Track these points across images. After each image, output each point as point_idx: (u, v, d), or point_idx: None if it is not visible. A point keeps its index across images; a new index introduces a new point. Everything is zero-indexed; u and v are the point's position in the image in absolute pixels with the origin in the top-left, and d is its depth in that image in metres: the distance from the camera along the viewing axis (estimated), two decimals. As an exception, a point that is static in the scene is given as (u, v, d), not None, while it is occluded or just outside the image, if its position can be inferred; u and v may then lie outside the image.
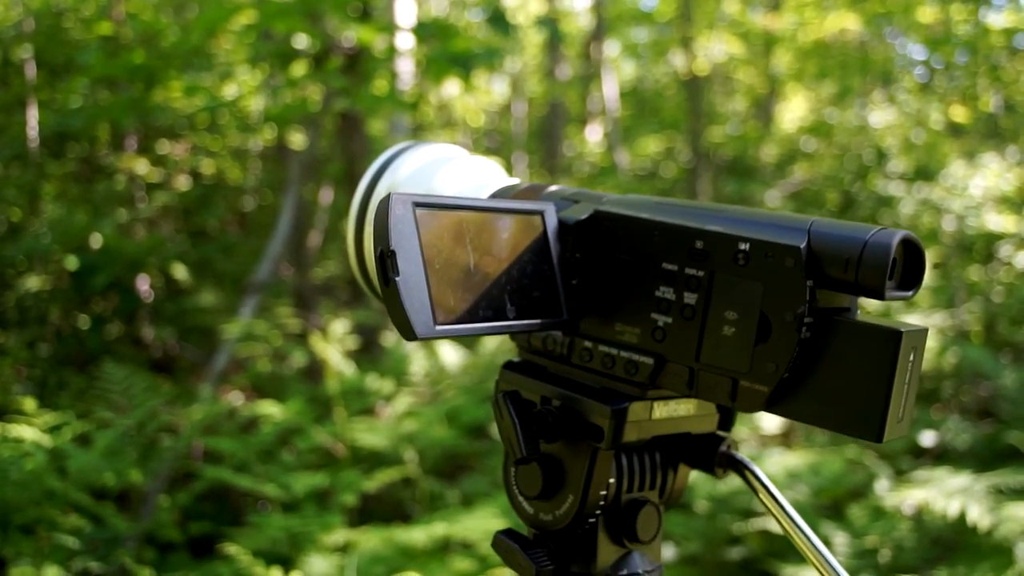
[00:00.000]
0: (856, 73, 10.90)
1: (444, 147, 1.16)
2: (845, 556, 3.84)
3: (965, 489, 3.82)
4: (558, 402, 0.98)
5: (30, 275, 6.80)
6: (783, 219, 0.85)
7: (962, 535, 3.90)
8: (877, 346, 0.78)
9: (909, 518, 4.03)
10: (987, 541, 3.73)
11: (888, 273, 0.78)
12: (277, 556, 3.62)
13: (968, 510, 3.63)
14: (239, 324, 5.21)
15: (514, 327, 0.89)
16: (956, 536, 3.94)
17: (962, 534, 3.89)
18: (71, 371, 6.04)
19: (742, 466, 1.02)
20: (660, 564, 1.05)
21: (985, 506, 3.65)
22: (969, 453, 4.94)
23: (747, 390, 0.85)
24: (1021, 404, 5.24)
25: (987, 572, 3.57)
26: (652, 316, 0.91)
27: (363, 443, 4.48)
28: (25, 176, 6.98)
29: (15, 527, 3.90)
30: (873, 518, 4.02)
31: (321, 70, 5.27)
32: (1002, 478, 3.93)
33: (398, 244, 0.82)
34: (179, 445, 4.42)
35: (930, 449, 5.15)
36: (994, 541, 3.66)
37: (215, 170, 8.35)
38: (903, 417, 0.80)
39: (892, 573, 3.71)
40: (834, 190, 9.61)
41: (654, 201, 0.95)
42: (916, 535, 3.97)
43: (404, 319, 0.81)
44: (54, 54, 6.97)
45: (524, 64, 14.19)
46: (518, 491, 1.03)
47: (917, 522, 4.01)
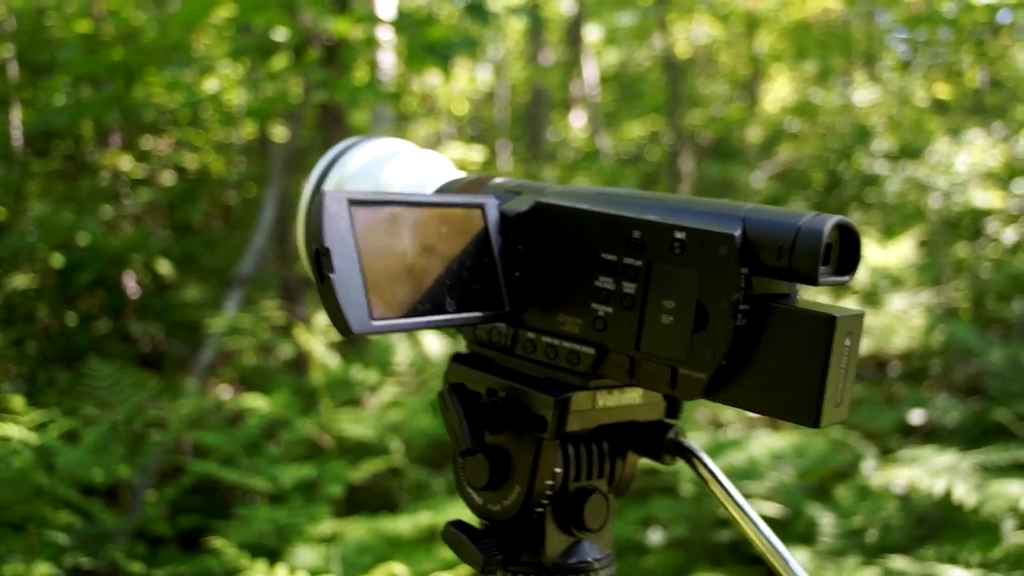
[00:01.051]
0: (837, 52, 10.88)
1: (392, 142, 1.17)
2: (832, 537, 3.84)
3: (951, 467, 3.82)
4: (504, 393, 0.99)
5: (17, 273, 6.80)
6: (719, 207, 0.85)
7: (949, 513, 3.90)
8: (812, 331, 0.79)
9: (897, 497, 4.04)
10: (974, 519, 3.73)
11: (821, 259, 0.79)
12: (265, 548, 3.62)
13: (954, 488, 3.63)
14: (224, 318, 5.21)
15: (454, 320, 0.90)
16: (943, 514, 3.94)
17: (949, 512, 3.89)
18: (59, 368, 6.04)
19: (690, 454, 1.02)
20: (611, 551, 1.06)
21: (971, 484, 3.65)
22: (958, 431, 4.95)
23: (686, 378, 0.85)
24: (1009, 381, 5.25)
25: (974, 550, 3.57)
26: (593, 306, 0.92)
27: (349, 434, 4.48)
28: (10, 175, 6.97)
29: (5, 524, 3.91)
30: (859, 498, 4.02)
31: (300, 62, 5.26)
32: (988, 455, 3.94)
33: (332, 241, 0.82)
34: (166, 440, 4.42)
35: (918, 427, 5.16)
36: (981, 519, 3.66)
37: (199, 165, 8.34)
38: (841, 401, 0.81)
39: (879, 553, 3.70)
40: (819, 170, 9.61)
41: (594, 191, 0.95)
42: (903, 514, 3.97)
43: (339, 315, 0.82)
44: (36, 53, 6.95)
45: (507, 51, 14.17)
46: (466, 482, 1.03)
47: (904, 501, 4.02)
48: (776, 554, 0.94)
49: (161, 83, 6.06)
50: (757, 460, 4.14)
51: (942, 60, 9.72)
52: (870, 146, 8.73)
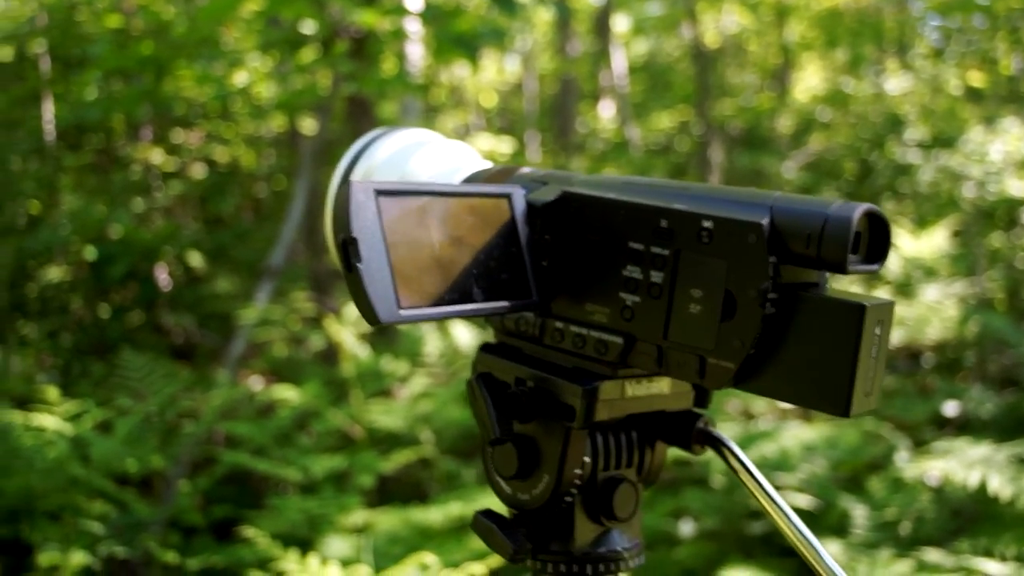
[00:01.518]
0: (869, 40, 10.82)
1: (419, 132, 1.17)
2: (865, 529, 3.82)
3: (986, 459, 3.79)
4: (531, 383, 0.99)
5: (50, 266, 6.86)
6: (747, 196, 0.85)
7: (984, 506, 3.87)
8: (841, 320, 0.79)
9: (931, 489, 4.01)
10: (1009, 511, 3.70)
11: (850, 247, 0.78)
12: (296, 538, 3.64)
13: (989, 480, 3.61)
14: (255, 309, 5.23)
15: (482, 310, 0.90)
16: (978, 507, 3.91)
17: (984, 505, 3.86)
18: (93, 359, 6.09)
19: (719, 443, 1.02)
20: (640, 541, 1.05)
21: (1007, 476, 3.62)
22: (992, 422, 4.91)
23: (714, 367, 0.85)
24: (1044, 371, 5.23)
25: (1009, 543, 3.54)
26: (621, 295, 0.92)
27: (380, 424, 4.50)
28: (43, 169, 7.03)
29: (41, 513, 3.95)
30: (893, 490, 4.00)
31: (328, 55, 5.27)
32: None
33: (359, 231, 0.82)
34: (199, 430, 4.45)
35: (953, 419, 5.13)
36: (1016, 511, 3.63)
37: (229, 157, 8.38)
38: (871, 391, 0.80)
39: (913, 545, 3.68)
40: (851, 159, 9.55)
41: (622, 180, 0.95)
42: (937, 507, 3.95)
43: (367, 304, 0.82)
44: (68, 48, 7.00)
45: (535, 41, 14.15)
46: (495, 471, 1.03)
47: (938, 494, 3.99)
48: (807, 545, 0.94)
49: (191, 77, 6.09)
50: (789, 451, 4.12)
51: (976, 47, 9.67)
52: (903, 135, 8.67)
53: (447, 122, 12.85)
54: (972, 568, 3.31)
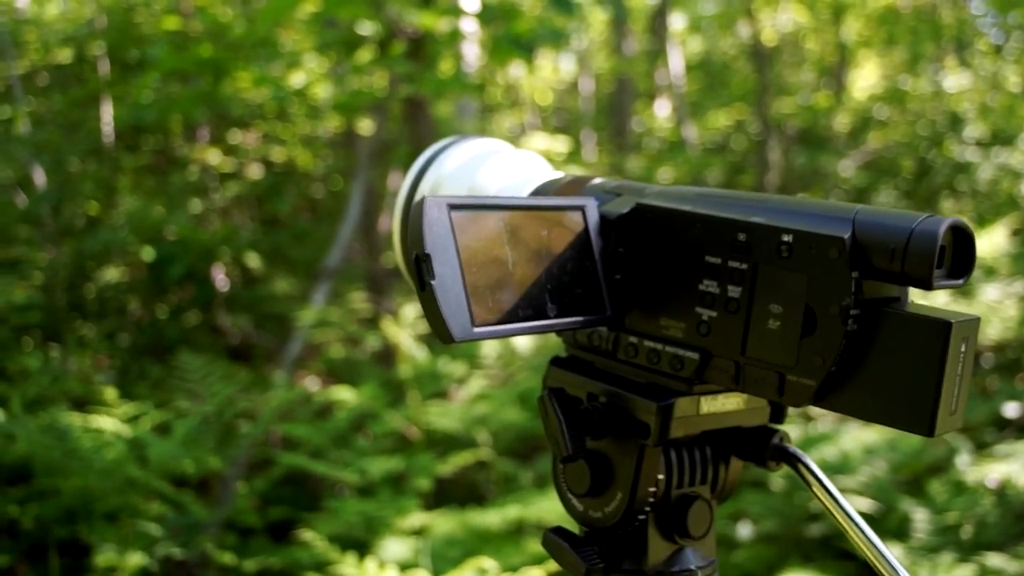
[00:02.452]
0: (927, 37, 10.72)
1: (488, 141, 1.16)
2: (926, 533, 3.79)
3: (1048, 462, 3.77)
4: (604, 398, 0.98)
5: (108, 267, 6.91)
6: (827, 208, 0.83)
7: (1046, 510, 3.84)
8: (926, 337, 0.77)
9: (992, 492, 3.97)
10: (1071, 516, 3.67)
11: (936, 262, 0.77)
12: (353, 540, 3.65)
13: (1051, 484, 3.58)
14: (312, 310, 5.25)
15: (555, 326, 0.89)
16: (1040, 511, 3.88)
17: (1046, 509, 3.83)
18: (150, 361, 6.13)
19: (795, 459, 1.00)
20: (714, 559, 1.04)
21: (1069, 478, 3.60)
22: (1053, 424, 4.87)
23: (794, 384, 0.83)
24: (1105, 372, 5.16)
25: (1072, 548, 3.52)
26: (697, 310, 0.90)
27: (437, 426, 4.50)
28: (101, 170, 7.09)
29: (99, 515, 3.98)
30: (954, 494, 3.96)
31: (385, 56, 5.29)
32: (1086, 449, 3.87)
33: (433, 247, 0.81)
34: (256, 432, 4.47)
35: (1014, 420, 5.08)
36: (1079, 515, 3.61)
37: (286, 158, 8.42)
38: (956, 409, 0.78)
39: (975, 550, 3.65)
40: (909, 158, 9.48)
41: (696, 192, 0.94)
42: (999, 510, 3.91)
43: (441, 323, 0.81)
44: (126, 50, 7.06)
45: (590, 41, 14.13)
46: (567, 488, 1.02)
47: (1000, 497, 3.95)
48: (885, 562, 0.92)
49: (248, 78, 6.12)
50: (849, 454, 4.10)
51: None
52: (961, 133, 8.61)
53: (503, 122, 12.86)
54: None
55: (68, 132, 7.02)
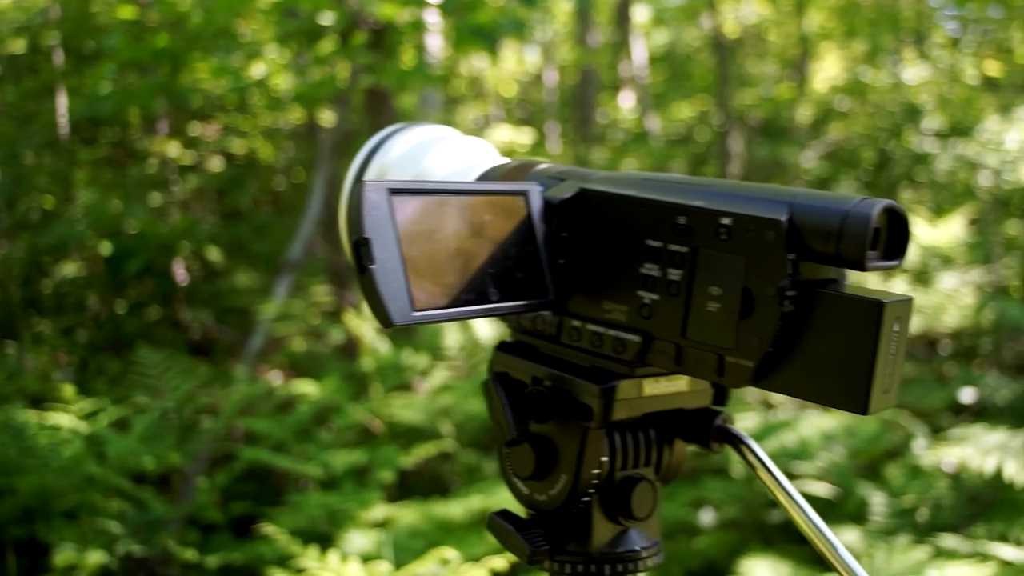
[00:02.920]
0: (887, 30, 10.78)
1: (435, 128, 1.16)
2: (883, 516, 3.83)
3: (1002, 445, 3.81)
4: (549, 382, 0.98)
5: (66, 262, 6.86)
6: (765, 192, 0.84)
7: (1000, 492, 3.88)
8: (860, 318, 0.78)
9: (948, 476, 4.02)
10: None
11: (870, 244, 0.78)
12: (316, 534, 3.64)
13: (1005, 466, 3.62)
14: (274, 304, 5.24)
15: (497, 310, 0.89)
16: (994, 493, 3.91)
17: (1000, 491, 3.87)
18: (109, 356, 6.10)
19: (738, 440, 1.01)
20: (659, 540, 1.05)
21: (1022, 461, 3.64)
22: (1008, 409, 4.92)
23: (733, 365, 0.84)
24: (1059, 358, 5.22)
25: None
26: (639, 293, 0.91)
27: (400, 419, 4.50)
28: (57, 163, 7.02)
29: (57, 513, 3.96)
30: (910, 477, 4.01)
31: (347, 46, 5.27)
32: (1039, 433, 3.92)
33: (372, 232, 0.81)
34: (217, 427, 4.45)
35: (969, 406, 5.13)
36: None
37: (247, 150, 8.38)
38: (890, 388, 0.79)
39: (930, 532, 3.69)
40: (869, 149, 9.54)
41: (639, 177, 0.94)
42: (954, 493, 3.95)
43: (380, 306, 0.81)
44: (81, 40, 7.00)
45: (555, 32, 14.13)
46: (512, 472, 1.03)
47: (955, 480, 4.00)
48: (826, 541, 0.93)
49: (208, 69, 6.09)
50: (807, 440, 4.13)
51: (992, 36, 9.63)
52: (920, 124, 8.67)
53: (467, 113, 12.85)
54: (988, 553, 3.33)
55: (22, 124, 6.95)
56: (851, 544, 3.55)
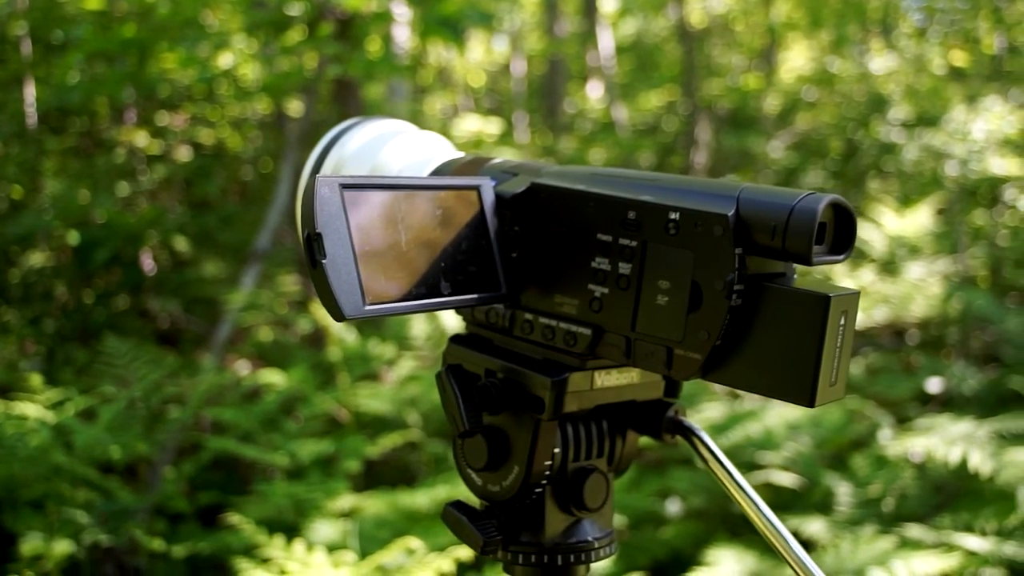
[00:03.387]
0: (853, 20, 10.80)
1: (391, 123, 1.17)
2: (848, 506, 3.85)
3: (968, 435, 3.83)
4: (502, 374, 0.99)
5: (33, 251, 6.83)
6: (714, 187, 0.85)
7: (965, 481, 3.90)
8: (806, 311, 0.79)
9: (913, 466, 4.04)
10: (990, 487, 3.73)
11: (815, 238, 0.79)
12: (283, 524, 3.64)
13: (969, 456, 3.64)
14: (241, 294, 5.22)
15: (449, 303, 0.90)
16: (959, 483, 3.94)
17: (965, 480, 3.90)
18: (77, 346, 6.07)
19: (689, 432, 1.02)
20: (611, 530, 1.06)
21: (987, 452, 3.66)
22: (975, 399, 4.94)
23: (682, 358, 0.85)
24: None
25: (990, 518, 3.58)
26: (589, 287, 0.92)
27: (367, 408, 4.50)
28: (25, 153, 6.98)
29: (24, 503, 3.94)
30: (876, 467, 4.02)
31: (314, 37, 5.26)
32: (1004, 423, 3.94)
33: (324, 226, 0.82)
34: (184, 416, 4.44)
35: (936, 396, 5.16)
36: (996, 487, 3.67)
37: (215, 140, 8.35)
38: (836, 380, 0.80)
39: (896, 521, 3.71)
40: (837, 139, 9.57)
41: (590, 172, 0.95)
42: (919, 483, 3.97)
43: (332, 300, 0.82)
44: (49, 30, 6.95)
45: (523, 22, 14.11)
46: (465, 463, 1.04)
47: (920, 470, 4.02)
48: (775, 532, 0.95)
49: (175, 59, 6.06)
50: (773, 431, 4.14)
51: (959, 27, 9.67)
52: (887, 114, 8.70)
53: (435, 103, 12.82)
54: (953, 543, 3.34)
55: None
56: (816, 534, 3.57)
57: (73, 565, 3.81)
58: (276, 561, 2.94)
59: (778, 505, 4.04)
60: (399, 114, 6.66)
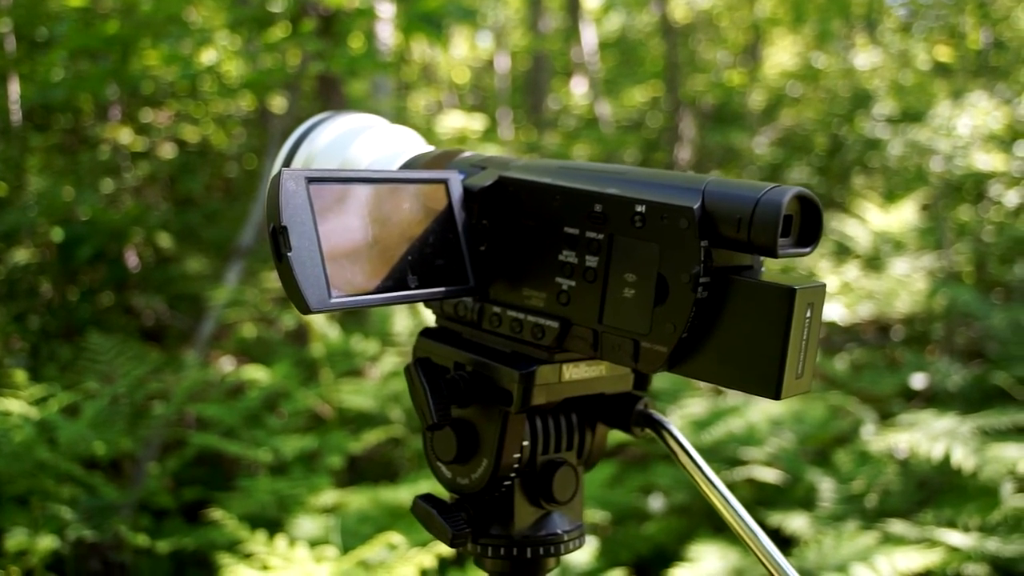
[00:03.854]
0: (837, 15, 10.80)
1: (362, 117, 1.17)
2: (831, 502, 3.85)
3: (950, 431, 3.83)
4: (470, 367, 0.99)
5: (18, 248, 6.81)
6: (680, 180, 0.85)
7: (948, 477, 3.91)
8: (771, 304, 0.79)
9: (897, 462, 4.05)
10: (973, 483, 3.74)
11: (780, 231, 0.79)
12: (266, 519, 3.64)
13: (953, 452, 3.64)
14: (225, 290, 5.22)
15: (416, 296, 0.90)
16: (942, 479, 3.95)
17: (948, 476, 3.90)
18: (61, 342, 6.06)
19: (659, 425, 1.03)
20: (581, 523, 1.06)
21: (970, 448, 3.66)
22: (959, 395, 4.95)
23: (648, 351, 0.85)
24: (1010, 344, 5.26)
25: (973, 513, 3.59)
26: (557, 280, 0.92)
27: (350, 404, 4.50)
28: (9, 150, 6.96)
29: (8, 498, 3.93)
30: (859, 463, 4.03)
31: (297, 33, 5.26)
32: (988, 419, 3.94)
33: (290, 220, 0.82)
34: (168, 412, 4.44)
35: (921, 391, 5.16)
36: (980, 483, 3.68)
37: (198, 137, 8.33)
38: (802, 373, 0.81)
39: (879, 517, 3.72)
40: (821, 134, 9.58)
41: (557, 165, 0.95)
42: (903, 479, 3.98)
43: (297, 293, 0.82)
44: (33, 27, 6.93)
45: (507, 18, 14.10)
46: (435, 456, 1.04)
47: (903, 466, 4.03)
48: (743, 525, 0.95)
49: (158, 56, 6.05)
50: (756, 426, 4.14)
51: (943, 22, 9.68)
52: (872, 110, 8.70)
53: (419, 99, 12.80)
54: (936, 539, 3.35)
55: (-27, 112, 6.90)
56: (799, 530, 3.58)
57: (58, 560, 3.81)
58: (259, 556, 2.94)
59: (761, 501, 4.05)
60: (382, 110, 6.66)
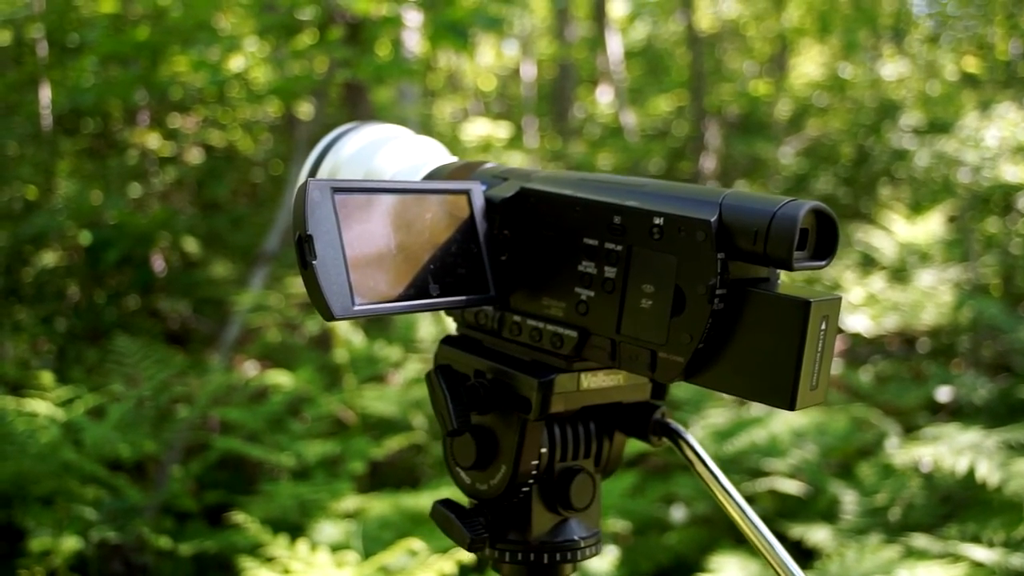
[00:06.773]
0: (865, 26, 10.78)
1: (387, 128, 1.18)
2: (854, 515, 3.84)
3: (975, 445, 3.80)
4: (490, 375, 1.01)
5: (46, 251, 6.86)
6: (698, 193, 0.86)
7: (973, 492, 3.88)
8: (787, 316, 0.80)
9: (921, 475, 4.03)
10: (997, 497, 3.71)
11: (796, 244, 0.80)
12: (288, 524, 3.65)
13: (977, 466, 3.62)
14: (250, 295, 5.24)
15: (438, 304, 0.92)
16: (967, 493, 3.92)
17: (973, 491, 3.87)
18: (87, 345, 6.10)
19: (676, 435, 1.04)
20: (598, 530, 1.07)
21: (995, 462, 3.63)
22: (984, 408, 4.92)
23: (665, 361, 0.86)
24: (1037, 358, 5.23)
25: (997, 529, 3.56)
26: (576, 290, 0.93)
27: (373, 410, 4.51)
28: (39, 154, 7.02)
29: (33, 499, 3.96)
30: (883, 476, 4.01)
31: (324, 41, 5.29)
32: (1013, 433, 3.91)
33: (315, 229, 0.84)
34: (192, 416, 4.46)
35: (946, 405, 5.14)
36: (1004, 497, 3.65)
37: (225, 143, 8.38)
38: (817, 385, 0.82)
39: (902, 531, 3.70)
40: (848, 145, 9.55)
41: (578, 177, 0.97)
42: (926, 493, 3.96)
43: (321, 300, 0.84)
44: (64, 33, 6.99)
45: (533, 27, 14.11)
46: (454, 462, 1.05)
47: (927, 479, 4.00)
48: (760, 536, 0.96)
49: (187, 62, 6.09)
50: (779, 437, 4.13)
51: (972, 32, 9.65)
52: (899, 121, 8.68)
53: (445, 107, 12.83)
54: (959, 554, 3.32)
55: (5, 115, 6.96)
56: (822, 543, 3.57)
57: (81, 561, 3.84)
58: (280, 560, 2.96)
59: (783, 513, 4.04)
60: (408, 118, 6.69)
